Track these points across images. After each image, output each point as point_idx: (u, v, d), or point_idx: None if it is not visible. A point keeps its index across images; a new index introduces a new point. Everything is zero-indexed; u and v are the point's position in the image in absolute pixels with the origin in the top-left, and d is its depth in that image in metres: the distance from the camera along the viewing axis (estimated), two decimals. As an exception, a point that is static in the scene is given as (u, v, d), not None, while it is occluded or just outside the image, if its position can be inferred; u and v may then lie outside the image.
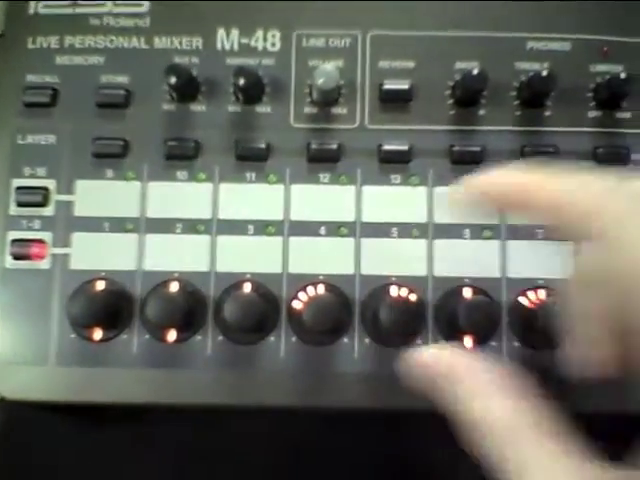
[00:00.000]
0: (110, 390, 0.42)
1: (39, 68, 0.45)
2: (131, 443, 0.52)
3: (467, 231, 0.43)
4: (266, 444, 0.52)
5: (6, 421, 0.44)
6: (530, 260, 0.43)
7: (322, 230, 0.43)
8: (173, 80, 0.42)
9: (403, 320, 0.40)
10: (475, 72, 0.42)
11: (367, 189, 0.43)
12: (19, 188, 0.43)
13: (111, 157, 0.43)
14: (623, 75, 0.42)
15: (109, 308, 0.41)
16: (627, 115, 0.44)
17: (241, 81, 0.42)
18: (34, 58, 0.45)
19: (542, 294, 0.42)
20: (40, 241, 0.43)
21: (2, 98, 0.45)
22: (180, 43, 0.45)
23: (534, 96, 0.43)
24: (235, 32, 0.45)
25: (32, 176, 0.44)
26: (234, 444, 0.52)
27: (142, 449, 0.52)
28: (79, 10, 0.45)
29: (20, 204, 0.43)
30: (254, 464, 0.52)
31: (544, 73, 0.42)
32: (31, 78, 0.45)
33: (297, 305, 0.42)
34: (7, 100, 0.44)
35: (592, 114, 0.44)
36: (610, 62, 0.44)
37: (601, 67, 0.44)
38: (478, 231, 0.43)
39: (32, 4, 0.46)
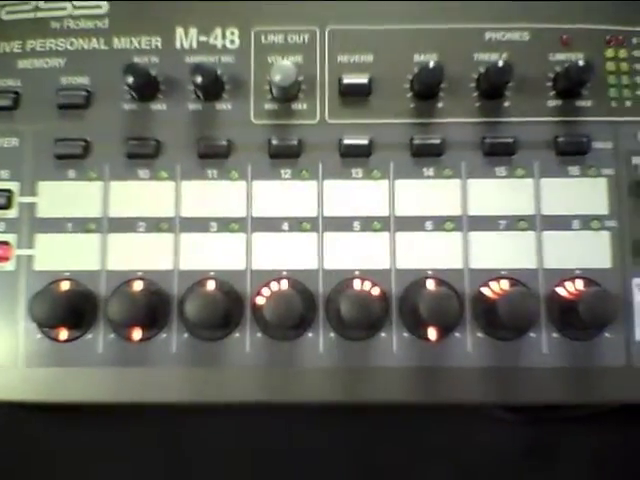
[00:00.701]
0: (77, 389, 0.42)
1: (2, 73, 0.45)
2: (104, 441, 0.52)
3: (429, 223, 0.43)
4: (241, 441, 0.52)
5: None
6: (492, 251, 0.43)
7: (285, 225, 0.43)
8: (130, 79, 0.42)
9: (365, 314, 0.40)
10: (431, 65, 0.42)
11: (329, 184, 0.44)
12: (-17, 192, 0.44)
13: (73, 158, 0.44)
14: (581, 63, 0.42)
15: (73, 308, 0.41)
16: (587, 103, 0.44)
17: (198, 78, 0.42)
18: None
19: (505, 284, 0.42)
20: (5, 243, 0.43)
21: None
22: (139, 43, 0.45)
23: (492, 87, 0.43)
24: (194, 31, 0.45)
25: None
26: (209, 441, 0.53)
27: (115, 447, 0.52)
28: (40, 14, 0.46)
29: (-16, 207, 0.44)
30: (230, 461, 0.52)
31: (500, 63, 0.42)
32: None
33: (260, 301, 0.42)
34: None
35: (552, 103, 0.44)
36: (570, 50, 0.44)
37: (560, 56, 0.44)
38: (440, 223, 0.43)
39: None
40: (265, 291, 0.42)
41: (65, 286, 0.42)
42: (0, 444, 0.51)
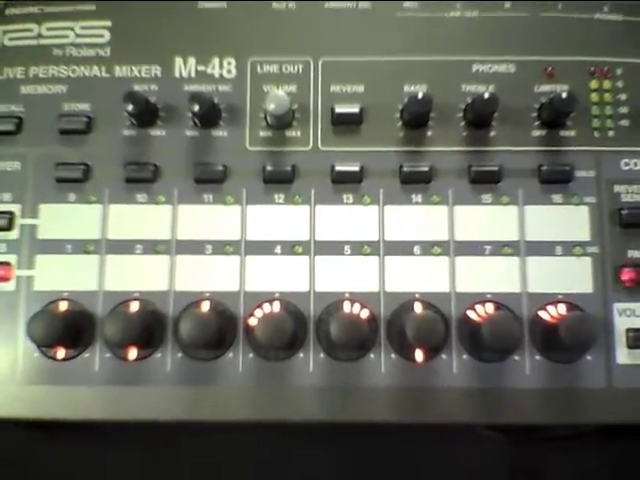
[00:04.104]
0: (74, 407, 0.43)
1: (5, 98, 0.47)
2: (94, 459, 0.53)
3: (417, 248, 0.44)
4: (230, 459, 0.53)
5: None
6: (478, 275, 0.44)
7: (278, 249, 0.45)
8: (130, 107, 0.44)
9: (354, 335, 0.41)
10: (420, 95, 0.43)
11: (321, 208, 0.45)
12: (-15, 213, 0.45)
13: (73, 182, 0.45)
14: (564, 94, 0.44)
15: (71, 328, 0.42)
16: (571, 133, 0.46)
17: (195, 107, 0.44)
18: (1, 89, 0.47)
19: (490, 308, 0.43)
20: (6, 264, 0.45)
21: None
22: (139, 71, 0.47)
23: (479, 117, 0.45)
24: (192, 60, 0.47)
25: None
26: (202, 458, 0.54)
27: (107, 464, 0.53)
28: (43, 42, 0.47)
29: (-14, 229, 0.45)
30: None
31: (487, 95, 0.44)
32: None
33: (253, 322, 0.43)
34: None
35: (536, 133, 0.46)
36: (555, 82, 0.46)
37: (545, 87, 0.46)
38: (428, 248, 0.44)
39: None
40: (258, 312, 0.43)
41: (63, 306, 0.44)
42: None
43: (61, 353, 0.43)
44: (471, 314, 0.43)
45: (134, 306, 0.44)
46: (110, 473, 0.53)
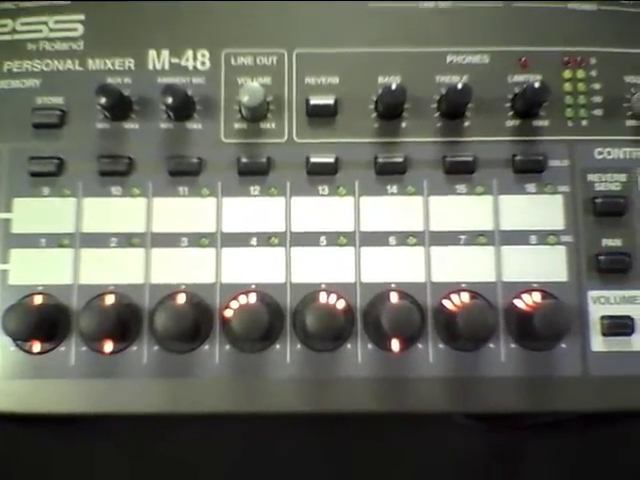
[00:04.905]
0: (50, 401, 0.43)
1: None
2: (79, 451, 0.53)
3: (393, 238, 0.45)
4: (209, 451, 0.54)
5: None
6: (453, 265, 0.44)
7: (253, 240, 0.45)
8: (103, 100, 0.43)
9: (330, 326, 0.41)
10: (393, 87, 0.44)
11: (296, 200, 0.45)
12: (-41, 208, 0.45)
13: (47, 175, 0.45)
14: (537, 84, 0.44)
15: (46, 322, 0.42)
16: (544, 123, 0.46)
17: (169, 99, 0.43)
18: None
19: (465, 297, 0.43)
20: (-20, 258, 0.44)
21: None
22: (113, 64, 0.46)
23: (452, 108, 0.45)
24: (165, 52, 0.46)
25: None
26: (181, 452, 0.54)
27: (91, 456, 0.53)
28: (17, 37, 0.47)
29: (-40, 223, 0.45)
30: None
31: (460, 86, 0.44)
32: None
33: (229, 314, 0.43)
34: None
35: (510, 123, 0.46)
36: (528, 72, 0.46)
37: (519, 77, 0.46)
38: (403, 238, 0.45)
39: None
40: (233, 304, 0.43)
41: (38, 300, 0.43)
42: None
43: (37, 347, 0.43)
44: (447, 303, 0.43)
45: (109, 299, 0.43)
46: (90, 466, 0.53)
